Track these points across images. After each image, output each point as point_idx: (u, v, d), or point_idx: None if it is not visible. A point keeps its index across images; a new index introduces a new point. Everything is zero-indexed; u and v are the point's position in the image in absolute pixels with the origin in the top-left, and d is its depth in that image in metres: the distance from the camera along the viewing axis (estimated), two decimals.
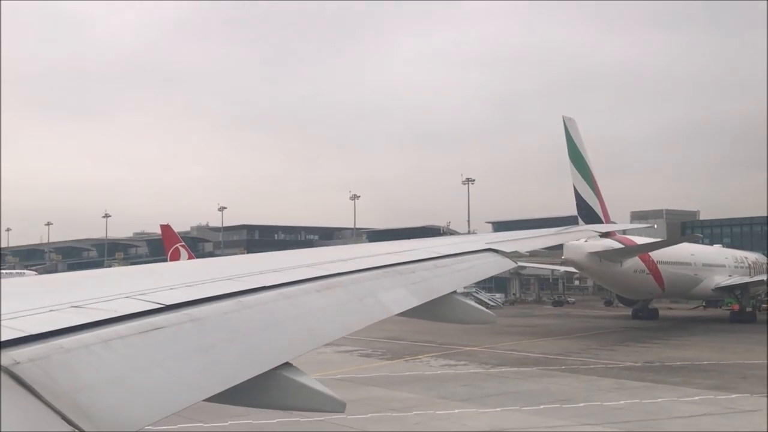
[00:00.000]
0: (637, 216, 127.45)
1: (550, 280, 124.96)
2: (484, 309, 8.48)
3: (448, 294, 7.39)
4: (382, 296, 6.31)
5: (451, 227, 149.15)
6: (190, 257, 69.71)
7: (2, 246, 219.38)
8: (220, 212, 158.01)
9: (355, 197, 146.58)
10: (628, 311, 78.66)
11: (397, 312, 6.39)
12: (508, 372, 38.54)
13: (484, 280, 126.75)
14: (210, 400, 3.75)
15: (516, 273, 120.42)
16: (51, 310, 3.81)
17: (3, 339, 3.12)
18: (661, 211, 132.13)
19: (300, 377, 4.37)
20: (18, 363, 2.94)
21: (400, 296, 6.60)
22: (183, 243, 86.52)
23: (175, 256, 72.08)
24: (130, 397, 3.26)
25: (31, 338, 3.23)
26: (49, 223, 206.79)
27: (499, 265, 9.27)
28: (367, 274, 6.62)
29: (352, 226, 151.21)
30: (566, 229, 15.39)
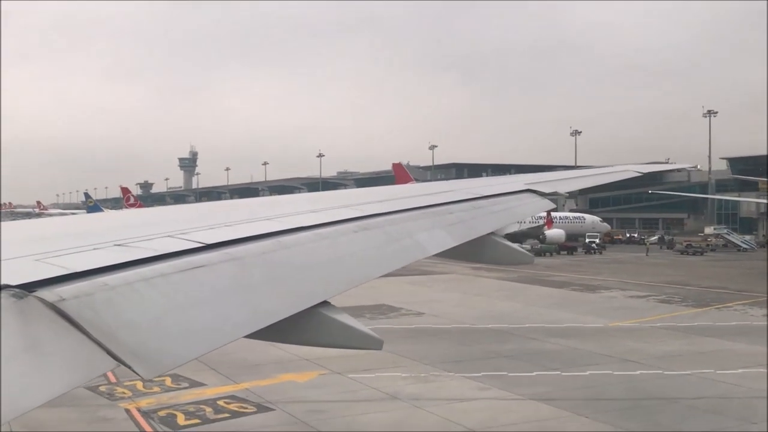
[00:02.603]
0: None
1: None
2: (522, 250, 8.44)
3: (485, 235, 7.36)
4: (419, 237, 6.31)
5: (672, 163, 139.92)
6: None
7: (221, 184, 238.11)
8: (431, 151, 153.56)
9: (576, 133, 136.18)
10: None
11: (433, 252, 6.39)
12: None
13: (728, 221, 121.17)
14: (250, 336, 3.81)
15: (766, 213, 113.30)
16: (95, 248, 3.88)
17: (48, 276, 3.19)
18: None
19: (338, 315, 4.42)
20: (63, 300, 3.01)
21: (437, 237, 6.59)
22: (414, 181, 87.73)
23: None
24: (172, 334, 3.33)
25: (76, 276, 3.30)
26: (265, 163, 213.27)
27: (538, 207, 9.19)
28: (404, 215, 6.62)
29: (569, 164, 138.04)
30: (607, 169, 15.13)
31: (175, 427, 18.50)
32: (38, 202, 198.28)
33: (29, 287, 2.99)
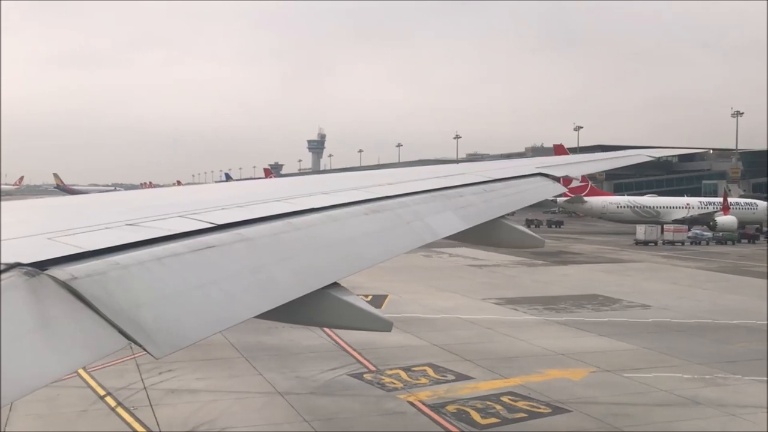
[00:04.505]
0: None
1: None
2: (533, 234, 8.45)
3: (496, 218, 7.36)
4: (429, 220, 6.31)
5: None
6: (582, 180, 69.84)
7: (353, 165, 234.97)
8: (576, 132, 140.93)
9: (737, 114, 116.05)
10: None
11: (444, 236, 6.39)
12: None
13: None
14: (261, 317, 3.83)
15: None
16: (107, 228, 3.89)
17: (60, 255, 3.20)
18: None
19: (348, 297, 4.43)
20: (75, 278, 3.02)
21: (447, 220, 6.59)
22: None
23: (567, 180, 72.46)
24: (184, 313, 3.35)
25: (88, 254, 3.31)
26: (399, 145, 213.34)
27: (549, 190, 9.18)
28: (414, 197, 6.61)
29: (727, 147, 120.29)
30: (619, 154, 15.07)
31: (477, 426, 16.95)
32: (178, 182, 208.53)
33: (42, 266, 3.01)
